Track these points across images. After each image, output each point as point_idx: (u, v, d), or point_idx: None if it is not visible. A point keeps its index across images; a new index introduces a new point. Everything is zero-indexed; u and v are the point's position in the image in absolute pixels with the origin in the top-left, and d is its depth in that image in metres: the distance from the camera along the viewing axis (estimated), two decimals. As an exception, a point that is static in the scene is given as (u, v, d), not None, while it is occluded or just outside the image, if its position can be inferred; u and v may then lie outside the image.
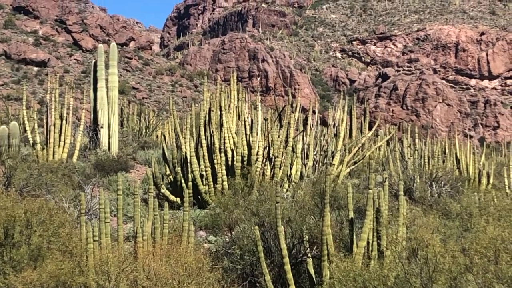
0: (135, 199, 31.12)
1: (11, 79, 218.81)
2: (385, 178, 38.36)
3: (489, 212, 27.32)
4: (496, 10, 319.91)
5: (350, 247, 31.07)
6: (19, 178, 46.28)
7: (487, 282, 22.39)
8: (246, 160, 46.57)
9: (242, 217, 37.34)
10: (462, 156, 61.09)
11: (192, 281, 24.31)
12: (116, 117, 59.82)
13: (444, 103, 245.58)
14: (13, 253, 31.08)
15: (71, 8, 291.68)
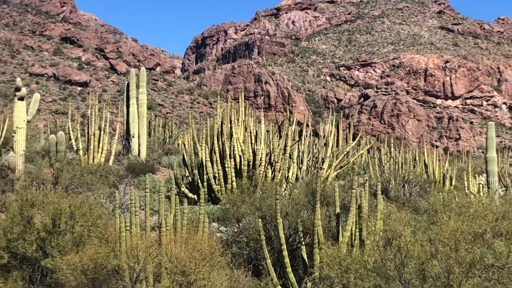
0: (160, 196, 31.17)
1: (59, 96, 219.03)
2: (366, 180, 38.27)
3: (451, 209, 27.26)
4: (458, 42, 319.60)
5: (337, 237, 31.12)
6: (65, 178, 46.32)
7: (449, 266, 22.36)
8: (251, 164, 46.65)
9: (248, 211, 37.40)
10: (429, 163, 61.14)
11: (206, 263, 24.29)
12: (144, 129, 59.88)
13: (415, 119, 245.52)
14: (59, 240, 31.06)
15: (109, 38, 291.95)
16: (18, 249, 31.65)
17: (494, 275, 22.20)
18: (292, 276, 30.91)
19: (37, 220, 32.49)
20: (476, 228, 23.72)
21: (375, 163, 61.26)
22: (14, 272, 30.88)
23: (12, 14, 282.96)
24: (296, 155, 49.69)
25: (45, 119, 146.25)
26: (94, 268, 25.99)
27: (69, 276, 26.24)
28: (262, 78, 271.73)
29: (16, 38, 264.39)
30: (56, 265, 27.61)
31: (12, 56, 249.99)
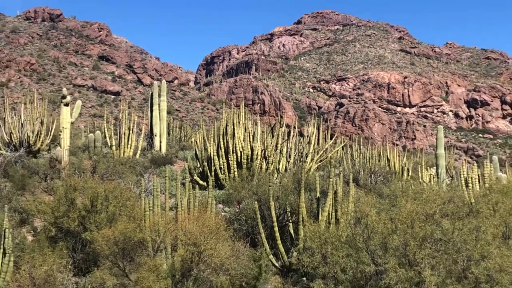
0: (177, 183, 31.30)
1: (96, 103, 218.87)
2: (340, 171, 38.23)
3: (408, 194, 27.27)
4: (414, 62, 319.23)
5: (317, 216, 31.12)
6: (101, 168, 46.32)
7: (406, 240, 22.38)
8: (249, 158, 46.71)
9: (246, 195, 37.47)
10: (391, 157, 61.17)
11: (213, 237, 24.30)
12: (164, 129, 59.91)
13: (380, 123, 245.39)
14: (96, 217, 31.04)
15: (136, 57, 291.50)
16: (63, 225, 31.69)
17: (442, 247, 22.23)
18: (282, 247, 30.99)
19: (79, 202, 32.50)
20: (428, 209, 23.75)
21: (348, 157, 61.43)
22: (60, 242, 30.88)
23: (60, 37, 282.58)
24: (285, 151, 49.76)
25: (85, 121, 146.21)
26: (123, 240, 26.01)
27: (104, 246, 26.25)
28: (258, 90, 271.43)
29: (63, 56, 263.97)
30: (94, 237, 27.61)
31: (59, 70, 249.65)
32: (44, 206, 33.96)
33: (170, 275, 23.82)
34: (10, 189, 42.97)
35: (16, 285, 25.77)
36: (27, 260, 27.31)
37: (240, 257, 25.09)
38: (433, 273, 21.33)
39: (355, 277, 23.01)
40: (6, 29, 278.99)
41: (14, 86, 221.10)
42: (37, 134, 52.26)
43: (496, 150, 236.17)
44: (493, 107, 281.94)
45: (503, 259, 21.64)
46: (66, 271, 28.07)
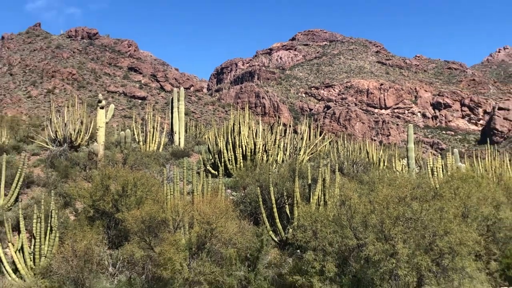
0: (193, 172, 31.15)
1: (126, 106, 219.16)
2: (328, 162, 38.15)
3: (384, 181, 27.26)
4: (389, 71, 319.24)
5: (309, 199, 31.12)
6: (130, 160, 46.35)
7: (382, 218, 22.37)
8: (253, 151, 46.67)
9: (250, 182, 37.45)
10: (370, 151, 61.05)
11: (223, 216, 24.30)
12: (183, 128, 59.86)
13: (360, 122, 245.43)
14: (126, 200, 31.06)
15: (159, 68, 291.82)
16: (100, 207, 31.71)
17: (412, 224, 22.23)
18: (280, 225, 31.03)
19: (112, 188, 32.52)
20: (400, 194, 23.74)
21: (334, 151, 61.36)
22: (97, 221, 30.92)
23: (96, 52, 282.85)
24: (282, 145, 49.69)
25: (117, 121, 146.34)
26: (149, 219, 26.03)
27: (133, 224, 26.28)
28: (260, 95, 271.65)
29: (99, 68, 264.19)
30: (125, 217, 27.64)
31: (96, 79, 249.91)
32: (83, 191, 34.03)
33: (187, 248, 23.86)
34: (56, 177, 43.10)
35: (61, 256, 25.84)
36: (70, 236, 27.39)
37: (245, 233, 25.11)
38: (405, 246, 21.34)
39: (340, 249, 23.02)
40: (52, 45, 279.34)
41: (59, 93, 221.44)
42: (78, 132, 52.30)
43: (457, 144, 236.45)
44: (454, 109, 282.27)
45: (462, 234, 21.68)
46: (102, 245, 28.16)
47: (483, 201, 27.71)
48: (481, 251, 23.91)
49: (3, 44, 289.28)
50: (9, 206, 37.30)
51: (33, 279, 26.66)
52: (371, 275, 21.67)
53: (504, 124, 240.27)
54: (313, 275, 22.42)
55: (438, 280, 21.16)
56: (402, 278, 20.95)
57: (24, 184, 40.12)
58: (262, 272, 24.66)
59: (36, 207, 29.53)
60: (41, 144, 53.72)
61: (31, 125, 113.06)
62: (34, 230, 28.49)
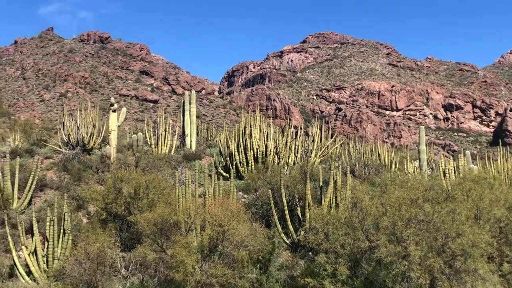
0: (204, 175, 31.23)
1: (138, 109, 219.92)
2: (339, 164, 38.09)
3: (396, 183, 27.16)
4: (400, 73, 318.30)
5: (320, 201, 31.08)
6: (142, 163, 46.48)
7: (394, 221, 22.30)
8: (264, 154, 46.68)
9: (262, 184, 37.49)
10: (381, 153, 60.93)
11: (234, 219, 24.31)
12: (194, 130, 59.99)
13: (372, 124, 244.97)
14: (139, 203, 31.15)
15: (171, 71, 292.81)
16: (112, 209, 31.82)
17: (424, 226, 22.15)
18: (291, 227, 30.99)
19: (125, 190, 32.61)
20: (412, 196, 23.66)
21: (345, 153, 61.34)
22: (109, 224, 31.01)
23: (108, 55, 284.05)
24: (293, 148, 49.67)
25: (129, 124, 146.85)
26: (161, 222, 26.08)
27: (145, 227, 26.34)
28: (271, 97, 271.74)
29: (111, 71, 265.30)
30: (137, 219, 27.70)
31: (108, 83, 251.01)
32: (96, 194, 34.14)
33: (199, 250, 23.88)
34: (69, 180, 43.31)
35: (74, 259, 25.94)
36: (82, 238, 27.49)
37: (257, 235, 25.10)
38: (417, 248, 21.27)
39: (352, 252, 22.96)
40: (65, 49, 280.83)
41: (71, 96, 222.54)
42: (90, 135, 52.52)
43: (469, 146, 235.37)
44: (466, 111, 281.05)
45: (475, 236, 21.59)
46: (115, 248, 28.24)
47: (495, 203, 27.54)
48: (494, 253, 23.79)
49: (16, 48, 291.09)
50: (22, 209, 37.49)
51: (46, 281, 26.76)
52: (383, 277, 21.62)
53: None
54: (325, 278, 22.38)
55: (451, 282, 21.06)
56: (415, 280, 20.88)
57: (38, 187, 40.33)
58: (274, 275, 24.63)
59: (49, 210, 29.64)
60: (54, 148, 53.98)
61: (44, 129, 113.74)
62: (47, 233, 28.62)
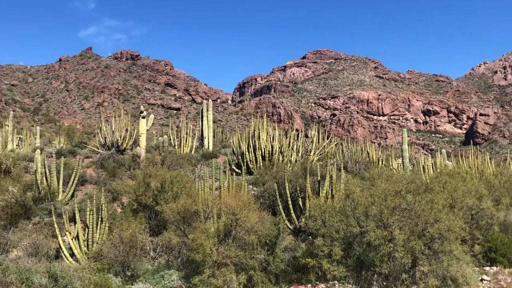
0: (220, 171, 31.25)
1: (164, 116, 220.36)
2: (334, 161, 37.95)
3: (382, 177, 27.09)
4: (386, 84, 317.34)
5: (318, 193, 30.99)
6: (168, 161, 46.55)
7: (381, 209, 22.24)
8: (270, 153, 46.61)
9: (269, 179, 37.38)
10: (370, 151, 60.67)
11: (245, 208, 24.28)
12: (211, 133, 59.94)
13: (362, 127, 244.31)
14: (164, 195, 31.17)
15: (191, 83, 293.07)
16: (142, 200, 31.86)
17: (406, 214, 22.07)
18: (294, 215, 30.95)
19: (153, 184, 32.65)
20: (396, 188, 23.58)
21: (339, 152, 61.08)
22: (140, 213, 31.06)
23: (138, 70, 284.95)
24: (295, 148, 49.57)
25: (156, 129, 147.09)
26: (184, 211, 26.09)
27: (170, 215, 26.37)
28: (276, 105, 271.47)
29: (140, 84, 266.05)
30: (163, 209, 27.74)
31: (138, 94, 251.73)
32: (128, 188, 34.22)
33: (216, 235, 23.87)
34: (105, 176, 43.47)
35: (110, 243, 26.02)
36: (117, 225, 27.55)
37: (264, 222, 25.06)
38: (401, 232, 21.22)
39: (346, 236, 22.91)
40: (101, 65, 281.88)
41: (107, 105, 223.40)
42: (123, 138, 52.65)
43: (444, 145, 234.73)
44: (442, 115, 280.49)
45: (450, 222, 21.55)
46: (144, 233, 28.29)
47: (467, 193, 27.47)
48: (466, 236, 23.73)
49: (60, 65, 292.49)
50: (66, 201, 37.66)
51: (86, 262, 26.85)
52: (372, 257, 21.58)
53: (485, 128, 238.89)
54: (323, 258, 22.35)
55: (430, 262, 21.00)
56: (399, 259, 20.84)
57: (79, 182, 40.55)
58: (279, 255, 24.60)
59: (89, 201, 29.73)
60: (92, 149, 54.16)
61: (84, 133, 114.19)
62: (87, 220, 28.72)
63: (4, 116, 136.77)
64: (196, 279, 22.62)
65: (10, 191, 36.85)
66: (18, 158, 49.41)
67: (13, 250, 30.06)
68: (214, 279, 22.23)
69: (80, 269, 24.78)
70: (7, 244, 30.33)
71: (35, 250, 28.45)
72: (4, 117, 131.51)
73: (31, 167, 45.63)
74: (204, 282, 22.32)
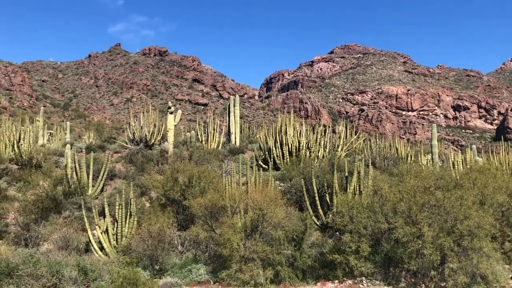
0: (247, 166, 31.32)
1: (191, 111, 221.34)
2: (362, 157, 37.71)
3: (411, 173, 26.85)
4: (415, 79, 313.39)
5: (346, 189, 30.86)
6: (195, 156, 46.80)
7: (410, 205, 22.08)
8: (297, 148, 46.51)
9: (295, 175, 37.30)
10: (399, 147, 60.06)
11: (272, 203, 24.32)
12: (238, 129, 59.98)
13: (390, 123, 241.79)
14: (192, 190, 31.37)
15: (218, 79, 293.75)
16: (170, 195, 32.13)
17: (436, 210, 21.88)
18: (321, 211, 30.88)
19: (180, 179, 32.89)
20: (425, 184, 23.38)
21: (367, 147, 60.52)
22: (168, 207, 31.33)
23: (166, 66, 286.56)
24: (322, 143, 49.35)
25: (184, 124, 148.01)
26: (211, 206, 26.24)
27: (198, 210, 26.54)
28: (303, 100, 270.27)
29: (168, 80, 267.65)
30: (191, 204, 27.91)
31: (166, 89, 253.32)
32: (157, 183, 34.56)
33: (243, 230, 23.96)
34: (134, 171, 43.90)
35: (139, 237, 26.31)
36: (145, 219, 27.85)
37: (291, 218, 25.07)
38: (430, 229, 21.05)
39: (373, 232, 22.80)
40: (130, 61, 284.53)
41: (136, 101, 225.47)
42: (152, 133, 53.10)
43: (475, 141, 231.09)
44: (472, 111, 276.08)
45: (480, 218, 21.29)
46: (172, 227, 28.54)
47: (498, 190, 27.04)
48: (497, 233, 23.41)
49: (90, 61, 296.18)
50: (96, 195, 38.18)
51: (116, 255, 27.20)
52: (400, 254, 21.44)
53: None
54: (350, 254, 22.27)
55: (459, 259, 20.77)
56: (428, 256, 20.68)
57: (108, 177, 41.03)
58: (306, 251, 24.59)
59: (118, 196, 30.12)
60: (121, 144, 54.78)
61: (113, 128, 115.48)
62: (117, 215, 29.08)
63: (35, 111, 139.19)
64: (224, 273, 22.75)
65: (41, 186, 37.52)
66: (48, 153, 50.24)
67: (44, 244, 30.63)
68: (241, 274, 22.33)
69: (109, 262, 25.11)
70: (38, 237, 30.92)
71: (66, 243, 28.89)
72: (35, 112, 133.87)
73: (62, 161, 46.34)
74: (232, 277, 22.44)
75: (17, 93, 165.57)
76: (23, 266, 22.50)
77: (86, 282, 22.65)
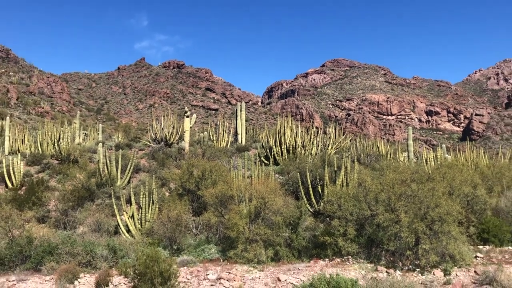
0: (251, 162, 31.27)
1: (204, 115, 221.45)
2: (349, 154, 37.63)
3: (390, 168, 26.80)
4: (394, 88, 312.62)
5: (335, 181, 30.79)
6: (208, 153, 46.75)
7: (389, 195, 22.04)
8: (294, 147, 46.43)
9: (292, 169, 37.26)
10: (380, 146, 59.92)
11: (272, 193, 24.30)
12: (244, 130, 59.92)
13: (373, 125, 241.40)
14: (205, 182, 31.35)
15: (227, 88, 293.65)
16: (186, 186, 32.14)
17: (411, 200, 21.83)
18: (314, 200, 30.82)
19: (195, 173, 32.89)
20: (402, 177, 23.33)
21: (353, 146, 60.39)
22: (184, 197, 31.34)
23: (183, 77, 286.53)
24: (315, 143, 49.27)
25: (198, 126, 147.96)
26: (221, 195, 26.22)
27: (209, 199, 26.53)
28: (299, 106, 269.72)
29: (185, 88, 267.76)
30: (203, 193, 27.90)
31: (183, 97, 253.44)
32: (175, 175, 34.54)
33: (248, 216, 23.96)
34: (156, 166, 43.92)
35: (160, 221, 26.33)
36: (165, 207, 27.86)
37: (288, 205, 25.04)
38: (406, 215, 21.02)
39: (358, 218, 22.76)
40: (152, 73, 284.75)
41: (157, 106, 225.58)
42: (171, 134, 53.13)
43: (444, 141, 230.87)
44: (442, 115, 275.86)
45: (449, 207, 21.28)
46: (188, 213, 28.54)
47: (464, 182, 26.99)
48: (463, 219, 23.36)
49: (119, 72, 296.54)
50: (123, 186, 38.24)
51: (140, 237, 27.26)
52: (381, 236, 21.43)
53: (480, 126, 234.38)
54: (338, 236, 22.26)
55: (431, 241, 20.74)
56: (404, 239, 20.66)
57: (134, 171, 41.11)
58: (301, 234, 24.57)
59: (142, 186, 30.17)
60: (145, 143, 54.83)
61: (139, 129, 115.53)
62: (141, 202, 29.13)
63: (73, 115, 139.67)
64: (231, 252, 22.79)
65: (77, 178, 37.65)
66: (84, 150, 50.40)
67: (79, 227, 30.76)
68: (246, 253, 22.37)
69: (135, 243, 25.19)
70: (75, 221, 31.06)
71: (98, 227, 29.02)
72: (73, 116, 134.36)
73: (95, 157, 46.48)
74: (238, 255, 22.49)
75: (57, 99, 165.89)
76: (62, 246, 22.63)
77: (115, 259, 22.74)
